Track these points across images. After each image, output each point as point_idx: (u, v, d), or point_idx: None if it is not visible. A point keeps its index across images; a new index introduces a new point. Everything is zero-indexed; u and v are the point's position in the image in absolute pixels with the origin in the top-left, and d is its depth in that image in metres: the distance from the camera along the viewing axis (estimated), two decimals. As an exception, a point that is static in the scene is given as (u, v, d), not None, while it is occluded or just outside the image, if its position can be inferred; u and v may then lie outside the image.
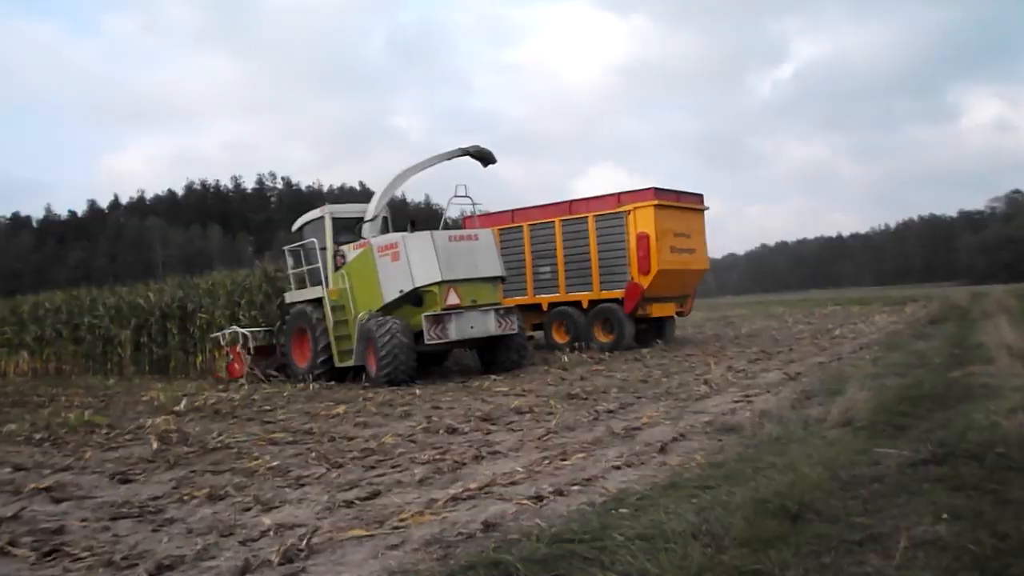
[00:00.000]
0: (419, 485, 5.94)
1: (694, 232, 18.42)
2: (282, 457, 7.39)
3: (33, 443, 9.37)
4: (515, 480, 5.84)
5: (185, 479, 6.74)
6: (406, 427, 8.69)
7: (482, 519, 4.76)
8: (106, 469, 7.40)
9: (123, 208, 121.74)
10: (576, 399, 10.12)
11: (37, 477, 7.18)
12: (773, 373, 11.97)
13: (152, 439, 8.67)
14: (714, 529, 4.10)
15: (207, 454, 7.88)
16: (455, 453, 7.01)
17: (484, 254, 14.19)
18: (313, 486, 6.17)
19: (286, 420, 9.91)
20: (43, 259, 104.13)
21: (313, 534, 4.68)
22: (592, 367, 14.20)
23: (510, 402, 10.10)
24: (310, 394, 12.65)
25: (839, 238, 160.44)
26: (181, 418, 10.68)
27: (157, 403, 12.69)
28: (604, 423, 8.21)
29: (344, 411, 10.19)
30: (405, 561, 4.18)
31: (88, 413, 11.68)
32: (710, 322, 30.21)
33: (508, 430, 8.22)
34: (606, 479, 5.74)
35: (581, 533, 4.22)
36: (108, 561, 4.49)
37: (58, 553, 4.71)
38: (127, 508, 5.78)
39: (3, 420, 11.62)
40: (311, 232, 15.54)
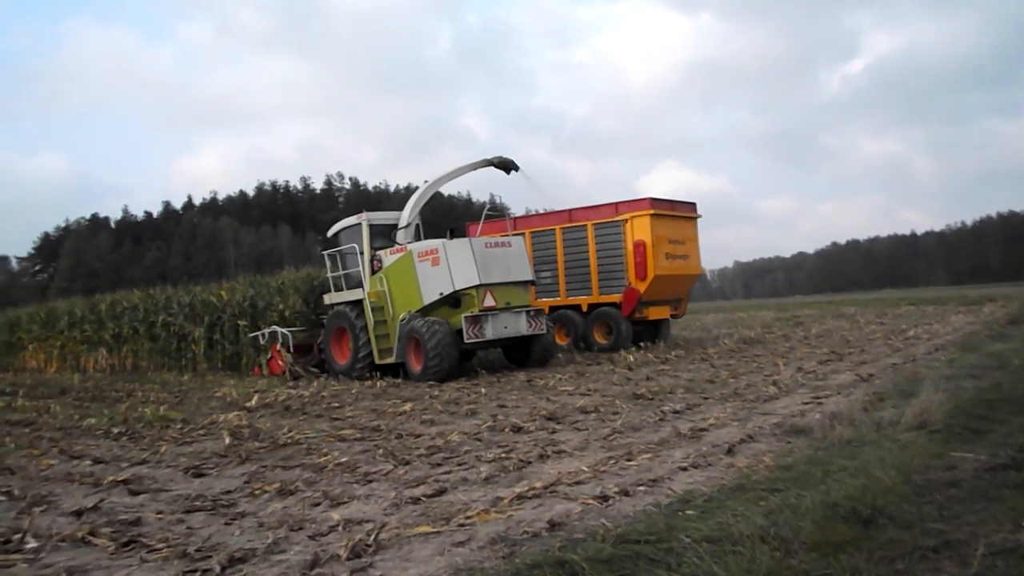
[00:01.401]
0: (485, 483, 5.97)
1: (688, 239, 19.31)
2: (350, 453, 7.50)
3: (111, 437, 9.69)
4: (580, 480, 5.84)
5: (256, 474, 6.89)
6: (472, 425, 8.74)
7: (547, 518, 4.78)
8: (180, 463, 7.61)
9: (196, 209, 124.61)
10: (642, 399, 10.06)
11: (115, 470, 7.42)
12: (844, 374, 11.73)
13: (224, 434, 8.89)
14: (783, 533, 4.05)
15: (277, 449, 8.04)
16: (520, 452, 7.03)
17: (516, 260, 15.12)
18: (380, 483, 6.25)
19: (354, 417, 10.04)
20: (120, 259, 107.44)
21: (380, 530, 4.74)
22: (658, 367, 14.10)
23: (575, 401, 10.09)
24: (377, 392, 12.80)
25: (913, 236, 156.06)
26: (252, 414, 10.91)
27: (229, 399, 13.00)
28: (670, 424, 8.15)
29: (411, 409, 10.30)
30: (471, 559, 4.21)
31: (163, 408, 12.05)
32: (779, 322, 29.73)
33: (573, 429, 8.21)
34: (672, 480, 5.71)
35: (647, 534, 4.20)
36: (183, 553, 4.62)
37: (135, 544, 4.86)
38: (201, 501, 5.93)
39: (83, 414, 12.04)
40: (347, 238, 16.49)
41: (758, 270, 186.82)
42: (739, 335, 21.86)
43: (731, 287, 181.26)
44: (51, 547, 4.91)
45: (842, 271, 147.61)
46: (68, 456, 8.43)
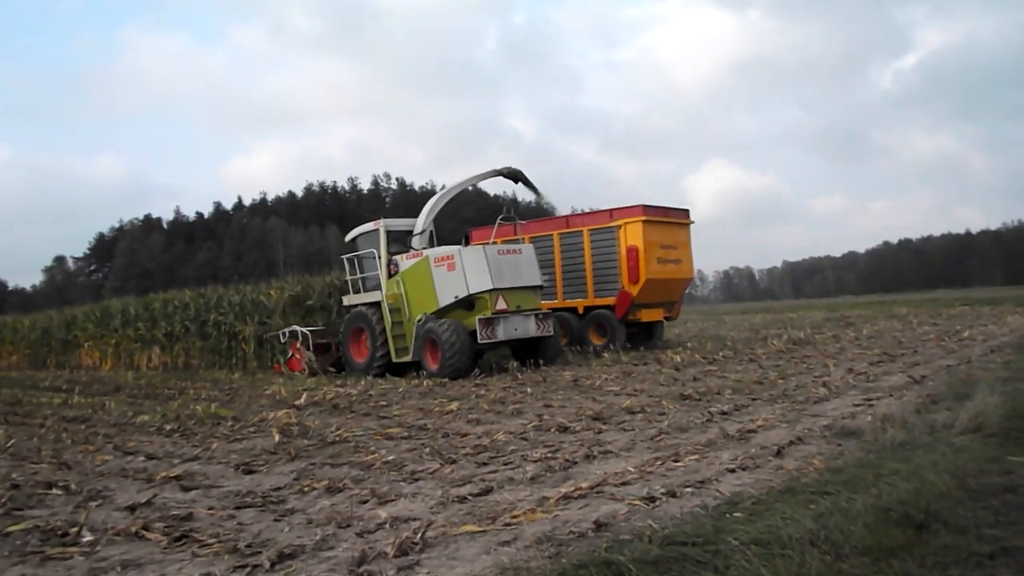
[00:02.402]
0: (531, 483, 5.98)
1: (680, 245, 19.92)
2: (397, 452, 7.55)
3: (164, 433, 9.87)
4: (627, 480, 5.81)
5: (305, 471, 6.97)
6: (518, 425, 8.75)
7: (593, 518, 4.76)
8: (231, 460, 7.72)
9: (246, 209, 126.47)
10: (689, 400, 9.99)
11: (168, 466, 7.57)
12: (896, 376, 11.53)
13: (274, 432, 9.01)
14: (833, 536, 3.99)
15: (326, 447, 8.12)
16: (566, 452, 7.02)
17: (527, 265, 16.08)
18: (427, 481, 6.29)
19: (401, 416, 10.11)
20: (173, 259, 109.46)
21: (427, 528, 4.77)
22: (705, 368, 14.00)
23: (621, 402, 10.05)
24: (424, 391, 12.88)
25: (968, 235, 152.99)
26: (301, 412, 11.04)
27: (279, 397, 13.17)
28: (718, 425, 8.09)
29: (457, 408, 10.34)
30: (517, 558, 4.22)
31: (214, 406, 12.25)
32: (829, 322, 29.30)
33: (619, 430, 8.18)
34: (720, 482, 5.65)
35: (694, 536, 4.17)
36: (233, 548, 4.68)
37: (187, 539, 4.94)
38: (251, 498, 6.02)
39: (137, 411, 12.29)
40: (365, 243, 17.45)
41: (807, 269, 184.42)
42: (788, 336, 21.57)
43: (780, 287, 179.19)
44: (106, 541, 5.02)
45: (894, 271, 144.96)
46: (122, 452, 8.62)
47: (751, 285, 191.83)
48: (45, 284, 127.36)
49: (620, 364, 15.41)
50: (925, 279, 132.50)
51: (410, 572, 4.13)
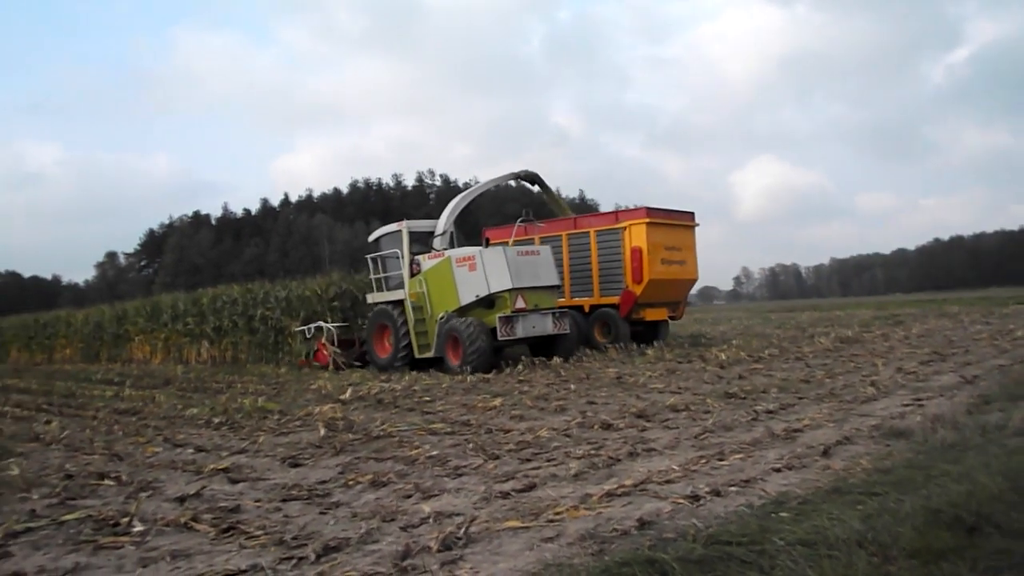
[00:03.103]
0: (574, 479, 5.97)
1: (685, 246, 20.41)
2: (441, 447, 7.59)
3: (212, 426, 10.03)
4: (671, 478, 5.79)
5: (350, 465, 7.03)
6: (561, 421, 8.74)
7: (637, 516, 4.75)
8: (278, 453, 7.83)
9: (293, 206, 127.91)
10: (734, 398, 9.91)
11: (216, 458, 7.68)
12: (947, 376, 11.31)
13: (320, 426, 9.12)
14: (881, 538, 3.93)
15: (370, 441, 8.19)
16: (610, 449, 7.00)
17: (544, 266, 16.79)
18: (471, 476, 6.31)
19: (444, 411, 10.16)
20: (221, 255, 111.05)
21: (471, 523, 4.79)
22: (751, 366, 13.86)
23: (665, 399, 10.00)
24: (467, 387, 12.91)
25: (1022, 231, 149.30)
26: (346, 406, 11.14)
27: (324, 392, 13.31)
28: (763, 423, 8.01)
29: (500, 404, 10.36)
30: (560, 554, 4.22)
31: (261, 400, 12.41)
32: (877, 321, 28.82)
33: (663, 427, 8.14)
34: (765, 481, 5.60)
35: (739, 535, 4.14)
36: (279, 540, 4.75)
37: (234, 530, 5.02)
38: (297, 491, 6.09)
39: (186, 404, 12.50)
40: (388, 243, 18.16)
41: (856, 267, 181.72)
42: (835, 334, 21.27)
43: (827, 284, 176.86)
44: (156, 531, 5.12)
45: (945, 268, 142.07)
46: (172, 444, 8.78)
47: (798, 283, 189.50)
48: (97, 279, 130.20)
49: (664, 361, 15.33)
50: (978, 277, 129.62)
51: (453, 567, 4.15)
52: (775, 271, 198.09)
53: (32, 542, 5.04)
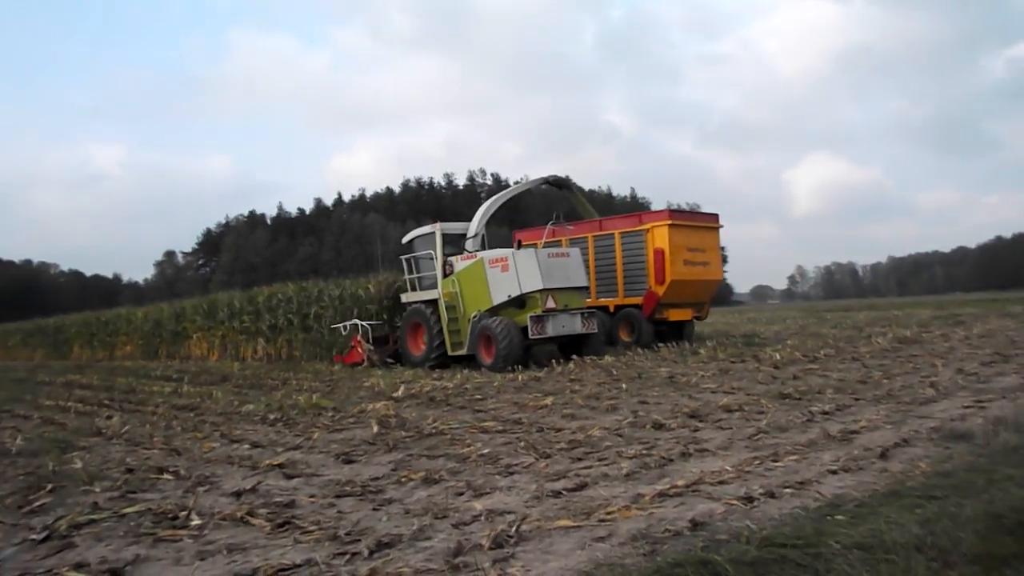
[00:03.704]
0: (626, 479, 5.95)
1: (708, 248, 20.85)
2: (492, 445, 7.61)
3: (268, 423, 10.19)
4: (724, 479, 5.73)
5: (403, 462, 7.09)
6: (613, 421, 8.71)
7: (689, 517, 4.71)
8: (332, 449, 7.92)
9: (346, 205, 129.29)
10: (788, 399, 9.77)
11: (271, 454, 7.81)
12: (1010, 377, 11.03)
13: (373, 423, 9.21)
14: (941, 543, 3.85)
15: (423, 439, 8.24)
16: (662, 449, 6.96)
17: (574, 268, 17.48)
18: (522, 475, 6.32)
19: (496, 409, 10.18)
20: (276, 253, 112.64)
21: (522, 521, 4.80)
22: (806, 366, 13.66)
23: (719, 399, 9.90)
24: (518, 385, 12.93)
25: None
26: (399, 404, 11.23)
27: (377, 389, 13.43)
28: (819, 425, 7.89)
29: (551, 403, 10.35)
30: (611, 554, 4.20)
31: (316, 397, 12.58)
32: (937, 321, 28.20)
33: (716, 428, 8.06)
34: (821, 483, 5.51)
35: (794, 538, 4.08)
36: (333, 535, 4.81)
37: (289, 525, 5.10)
38: (350, 487, 6.15)
39: (242, 401, 12.72)
40: (421, 244, 18.85)
41: (914, 265, 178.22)
42: (893, 334, 20.87)
43: (884, 283, 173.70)
44: (213, 525, 5.22)
45: (1008, 267, 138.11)
46: (228, 440, 8.93)
47: (854, 281, 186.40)
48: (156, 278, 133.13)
49: (717, 361, 15.18)
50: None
51: (505, 564, 4.16)
52: (831, 270, 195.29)
53: (95, 534, 5.18)
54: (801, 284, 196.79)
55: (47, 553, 4.81)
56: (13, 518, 5.70)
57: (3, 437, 9.70)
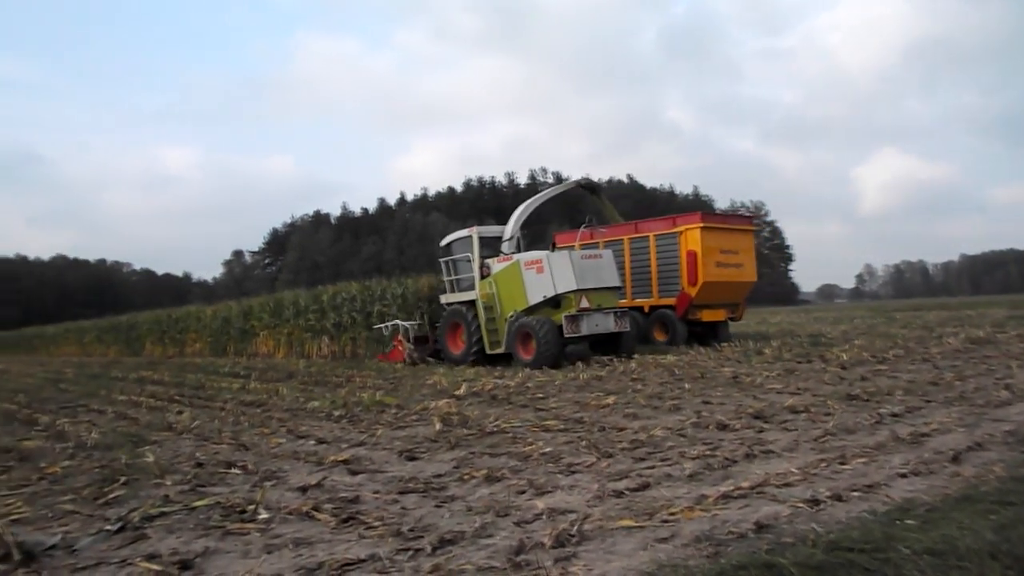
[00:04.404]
0: (689, 480, 5.90)
1: (742, 250, 21.46)
2: (554, 444, 7.60)
3: (333, 419, 10.33)
4: (789, 481, 5.64)
5: (465, 460, 7.13)
6: (675, 421, 8.63)
7: (754, 519, 4.66)
8: (395, 446, 8.00)
9: (408, 205, 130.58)
10: (856, 400, 9.57)
11: (336, 450, 7.91)
12: (1090, 380, 10.66)
13: (435, 420, 9.27)
14: (1017, 550, 3.74)
15: (485, 437, 8.28)
16: (726, 450, 6.88)
17: (607, 269, 18.12)
18: (584, 474, 6.30)
19: (558, 408, 10.17)
20: (340, 252, 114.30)
21: (584, 521, 4.79)
22: (874, 367, 13.37)
23: (784, 400, 9.75)
24: (580, 384, 12.90)
25: None
26: (461, 402, 11.29)
27: (439, 387, 13.52)
28: (888, 427, 7.72)
29: (613, 402, 10.30)
30: (674, 555, 4.17)
31: (380, 394, 12.72)
32: (1012, 321, 27.33)
33: (782, 429, 7.94)
34: (890, 487, 5.40)
35: (862, 542, 4.01)
36: (397, 531, 4.85)
37: (354, 521, 5.16)
38: (413, 483, 6.21)
39: (308, 397, 12.92)
40: (459, 247, 19.50)
41: (988, 263, 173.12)
42: (966, 334, 20.29)
43: (956, 282, 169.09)
44: (280, 519, 5.31)
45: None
46: (295, 436, 9.08)
47: (924, 280, 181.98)
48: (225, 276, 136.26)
49: (782, 361, 14.95)
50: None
51: (567, 564, 4.16)
52: (900, 268, 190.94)
53: (166, 526, 5.31)
54: (869, 283, 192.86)
55: (121, 544, 4.95)
56: (89, 509, 5.88)
57: (79, 431, 10.00)
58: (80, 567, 4.54)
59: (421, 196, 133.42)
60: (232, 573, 4.29)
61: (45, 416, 12.15)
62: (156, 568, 4.42)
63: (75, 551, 4.83)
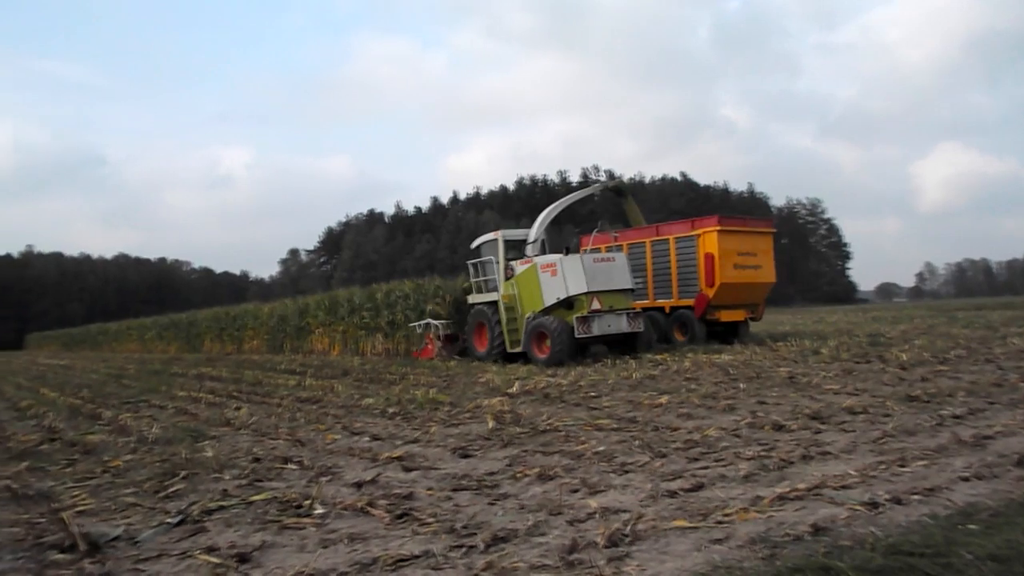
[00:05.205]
0: (744, 481, 5.83)
1: (760, 252, 21.98)
2: (607, 443, 7.58)
3: (387, 416, 10.43)
4: (847, 484, 5.55)
5: (518, 458, 7.14)
6: (730, 421, 8.55)
7: (811, 521, 4.59)
8: (448, 443, 8.05)
9: (461, 203, 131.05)
10: (916, 401, 9.37)
11: (390, 447, 7.99)
12: None
13: (488, 418, 9.31)
14: (1084, 556, 3.63)
15: (537, 435, 8.28)
16: (782, 451, 6.79)
17: (619, 271, 18.63)
18: (637, 473, 6.27)
19: (611, 407, 10.13)
20: (394, 251, 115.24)
21: (637, 520, 4.77)
22: (935, 367, 13.07)
23: (841, 401, 9.59)
24: (633, 383, 12.83)
25: None
26: (514, 400, 11.32)
27: (492, 385, 13.57)
28: (949, 429, 7.54)
29: (667, 402, 10.23)
30: (729, 557, 4.14)
31: (433, 392, 12.80)
32: (1081, 321, 26.54)
33: (839, 430, 7.81)
34: (951, 490, 5.28)
35: (922, 546, 3.93)
36: (450, 528, 4.89)
37: (408, 517, 5.21)
38: (466, 481, 6.25)
39: (362, 394, 13.06)
40: (487, 250, 20.38)
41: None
42: (1032, 335, 19.75)
43: (1021, 281, 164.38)
44: (335, 514, 5.38)
45: None
46: (349, 432, 9.19)
47: (988, 279, 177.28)
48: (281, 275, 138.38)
49: (840, 361, 14.69)
50: None
51: (620, 563, 4.15)
52: (962, 266, 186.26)
53: (224, 519, 5.42)
54: (930, 281, 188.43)
55: (181, 536, 5.07)
56: (150, 502, 6.03)
57: (141, 426, 10.24)
58: (142, 558, 4.65)
59: (474, 195, 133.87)
60: (288, 567, 4.35)
61: (108, 411, 12.47)
62: (215, 560, 4.51)
63: (137, 543, 4.95)
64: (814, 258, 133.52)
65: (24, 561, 4.66)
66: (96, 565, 4.54)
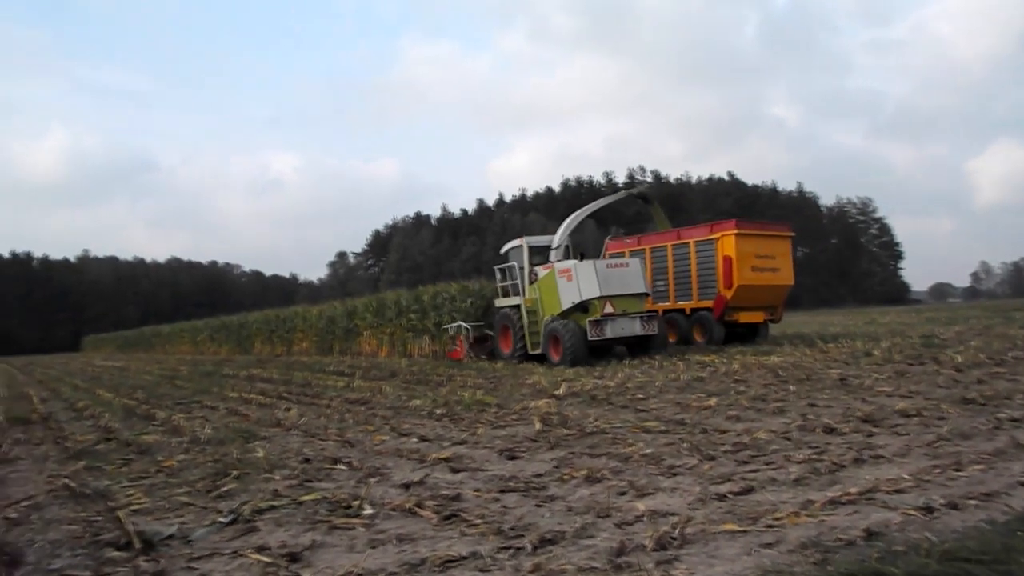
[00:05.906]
0: (794, 484, 5.76)
1: (778, 255, 22.58)
2: (655, 445, 7.53)
3: (434, 417, 10.48)
4: (901, 488, 5.45)
5: (565, 460, 7.13)
6: (780, 424, 8.44)
7: (863, 526, 4.52)
8: (495, 445, 8.06)
9: (507, 205, 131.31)
10: (972, 404, 9.17)
11: (438, 448, 8.03)
12: None
13: (535, 420, 9.30)
14: None
15: (584, 437, 8.26)
16: (833, 454, 6.69)
17: (633, 276, 19.37)
18: (685, 476, 6.23)
19: (658, 409, 10.07)
20: (440, 253, 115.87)
21: (686, 524, 4.73)
22: (992, 369, 12.77)
23: (895, 403, 9.41)
24: (681, 385, 12.74)
25: None
26: (561, 402, 11.30)
27: (539, 387, 13.56)
28: (1007, 433, 7.37)
29: (716, 404, 10.14)
30: (779, 561, 4.09)
31: (480, 393, 12.85)
32: None
33: (892, 433, 7.67)
34: (1010, 496, 5.15)
35: (979, 553, 3.84)
36: (497, 530, 4.89)
37: (456, 518, 5.23)
38: (514, 482, 6.25)
39: (410, 396, 13.15)
40: (513, 256, 21.36)
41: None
42: (1093, 336, 19.21)
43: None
44: (383, 515, 5.42)
45: None
46: (398, 433, 9.26)
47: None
48: (329, 277, 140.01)
49: (892, 363, 14.43)
50: None
51: (669, 567, 4.12)
52: (1019, 266, 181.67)
53: (275, 519, 5.49)
54: (986, 281, 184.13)
55: (233, 535, 5.14)
56: (203, 501, 6.13)
57: (193, 426, 10.42)
58: (195, 557, 4.73)
59: (519, 197, 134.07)
60: (338, 566, 4.39)
61: (162, 411, 12.71)
62: (266, 560, 4.57)
63: (190, 541, 5.04)
64: (865, 258, 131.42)
65: (82, 558, 4.77)
66: (151, 563, 4.63)
